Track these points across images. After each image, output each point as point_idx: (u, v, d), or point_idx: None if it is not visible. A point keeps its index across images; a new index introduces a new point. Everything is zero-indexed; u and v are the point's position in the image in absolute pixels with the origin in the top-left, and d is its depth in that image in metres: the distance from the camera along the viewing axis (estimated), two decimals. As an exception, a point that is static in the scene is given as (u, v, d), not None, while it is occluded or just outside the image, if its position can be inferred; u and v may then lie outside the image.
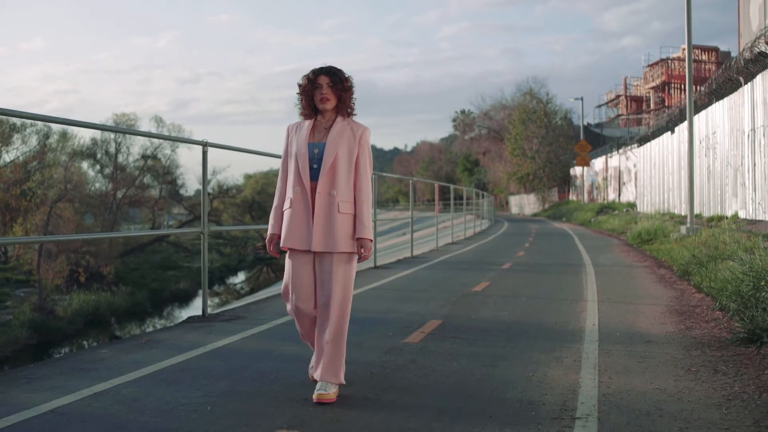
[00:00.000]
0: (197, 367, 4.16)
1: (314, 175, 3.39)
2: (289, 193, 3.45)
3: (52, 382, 3.82)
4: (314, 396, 3.34)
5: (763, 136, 12.82)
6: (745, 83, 14.00)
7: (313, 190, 3.38)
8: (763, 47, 12.46)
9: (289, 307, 3.56)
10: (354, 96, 3.50)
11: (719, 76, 16.30)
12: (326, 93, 3.39)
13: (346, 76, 3.46)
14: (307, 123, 3.49)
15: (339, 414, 3.20)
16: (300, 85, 3.47)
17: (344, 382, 3.47)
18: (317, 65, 3.49)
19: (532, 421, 3.08)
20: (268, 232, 3.55)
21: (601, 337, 5.03)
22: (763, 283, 5.50)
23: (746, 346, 4.54)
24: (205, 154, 6.04)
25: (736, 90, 14.85)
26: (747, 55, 13.39)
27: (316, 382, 3.49)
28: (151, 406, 3.33)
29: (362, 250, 3.42)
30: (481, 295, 7.45)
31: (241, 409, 3.27)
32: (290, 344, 4.78)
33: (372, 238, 3.46)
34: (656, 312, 6.22)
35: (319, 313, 3.43)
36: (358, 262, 3.47)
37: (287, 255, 3.50)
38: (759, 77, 13.06)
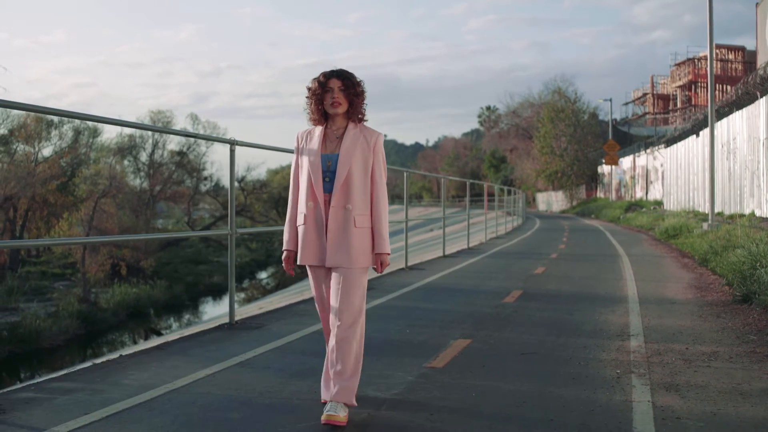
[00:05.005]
0: (378, 314, 6.37)
1: (327, 188, 3.27)
2: (302, 208, 3.33)
3: (288, 321, 6.05)
4: (323, 417, 3.18)
5: (776, 144, 14.75)
6: (761, 97, 15.93)
7: (327, 204, 3.27)
8: (775, 68, 14.41)
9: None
10: (365, 101, 3.36)
11: (739, 88, 18.22)
12: (338, 97, 3.25)
13: (358, 80, 3.33)
14: (318, 131, 3.36)
15: (490, 331, 5.40)
16: (309, 89, 3.34)
17: (356, 404, 3.30)
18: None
19: (605, 336, 5.26)
20: (284, 248, 3.43)
21: (640, 300, 7.17)
22: (758, 264, 7.58)
23: (741, 304, 6.66)
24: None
25: (753, 102, 16.76)
26: (761, 73, 15.33)
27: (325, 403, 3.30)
28: (372, 329, 5.53)
29: (381, 266, 3.33)
30: (543, 276, 9.61)
31: (425, 332, 5.47)
32: (424, 303, 7.02)
33: (390, 252, 3.35)
34: (680, 287, 8.32)
35: (332, 329, 3.30)
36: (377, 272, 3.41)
37: (307, 269, 3.42)
38: (772, 93, 15.00)
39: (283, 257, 3.42)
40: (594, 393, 3.72)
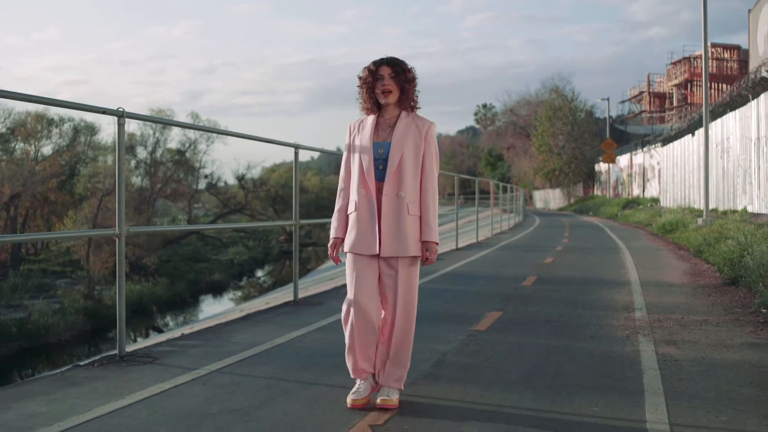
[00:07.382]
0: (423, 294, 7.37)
1: (380, 176, 3.29)
2: (354, 196, 3.36)
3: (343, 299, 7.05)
4: (378, 401, 3.29)
5: (766, 144, 15.81)
6: (753, 99, 16.97)
7: (379, 192, 3.29)
8: (764, 73, 15.46)
9: (345, 308, 3.49)
10: (417, 88, 3.38)
11: (732, 91, 19.28)
12: (388, 84, 3.27)
13: (409, 67, 3.34)
14: (370, 120, 3.38)
15: (516, 306, 6.42)
16: (360, 78, 3.36)
17: (403, 388, 3.42)
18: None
19: (613, 309, 6.29)
20: (331, 236, 3.46)
21: (641, 283, 8.20)
22: (745, 252, 8.62)
23: (729, 286, 7.72)
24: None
25: (745, 104, 17.82)
26: (753, 77, 16.38)
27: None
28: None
29: (428, 254, 3.32)
30: (553, 265, 10.65)
31: (462, 306, 6.49)
32: (453, 286, 8.06)
33: (438, 242, 3.36)
34: (676, 274, 9.36)
35: (385, 318, 3.37)
36: (422, 265, 3.39)
37: (348, 257, 3.41)
38: (762, 96, 16.06)
39: (329, 245, 3.47)
40: (610, 346, 4.75)
